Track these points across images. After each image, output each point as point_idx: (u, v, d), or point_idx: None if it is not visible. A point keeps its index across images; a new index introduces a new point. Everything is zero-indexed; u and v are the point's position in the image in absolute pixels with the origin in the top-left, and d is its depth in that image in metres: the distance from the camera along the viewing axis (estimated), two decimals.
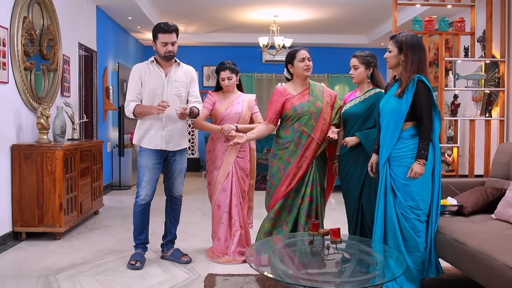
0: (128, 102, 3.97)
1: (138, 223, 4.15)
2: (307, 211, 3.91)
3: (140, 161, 4.05)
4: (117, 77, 8.58)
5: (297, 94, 4.00)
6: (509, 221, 3.26)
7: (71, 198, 5.14)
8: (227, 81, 4.32)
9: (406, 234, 3.23)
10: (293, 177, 3.92)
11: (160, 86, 4.00)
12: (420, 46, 3.28)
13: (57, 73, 5.79)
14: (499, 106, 6.52)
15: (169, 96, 4.00)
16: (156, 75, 4.02)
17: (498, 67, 6.55)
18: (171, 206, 4.30)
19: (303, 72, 3.95)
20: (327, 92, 4.05)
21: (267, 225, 4.00)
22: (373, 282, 2.55)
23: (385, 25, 9.64)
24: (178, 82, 4.07)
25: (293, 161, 3.92)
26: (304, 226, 3.90)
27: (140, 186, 4.05)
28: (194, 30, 10.29)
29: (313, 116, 3.91)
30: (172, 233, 4.29)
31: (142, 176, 4.04)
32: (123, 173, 8.41)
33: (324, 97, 3.99)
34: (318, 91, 4.01)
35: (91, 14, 7.29)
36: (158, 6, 8.34)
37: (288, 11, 8.63)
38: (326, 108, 3.96)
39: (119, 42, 9.03)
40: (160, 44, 3.95)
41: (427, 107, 3.15)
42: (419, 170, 3.12)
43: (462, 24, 6.46)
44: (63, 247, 4.66)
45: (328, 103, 3.98)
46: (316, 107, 3.92)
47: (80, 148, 5.42)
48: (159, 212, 6.30)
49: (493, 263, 2.62)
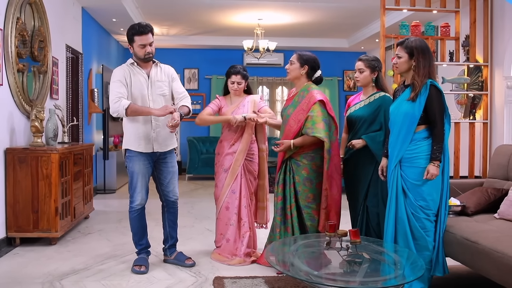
0: (118, 98, 3.80)
1: (137, 228, 4.10)
2: (280, 210, 3.96)
3: (131, 166, 3.97)
4: (101, 80, 8.47)
5: (289, 97, 4.14)
6: None
7: (66, 202, 5.05)
8: (236, 85, 4.33)
9: (416, 233, 3.31)
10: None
11: (145, 88, 3.95)
12: (429, 51, 3.37)
13: (47, 75, 5.69)
14: (482, 109, 6.72)
15: (154, 97, 3.96)
16: (139, 77, 3.96)
17: (481, 71, 6.75)
18: (168, 211, 4.22)
19: None
20: (307, 98, 3.88)
21: None
22: (394, 283, 2.61)
23: (366, 30, 9.80)
24: (161, 82, 4.02)
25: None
26: (280, 225, 3.95)
27: (135, 191, 3.99)
28: (177, 32, 10.25)
29: (284, 121, 4.04)
30: (173, 237, 4.25)
31: (136, 181, 3.97)
32: (108, 176, 8.29)
33: (300, 104, 3.89)
34: (300, 96, 3.95)
35: (77, 16, 7.19)
36: (143, 8, 8.28)
37: (272, 15, 8.68)
38: (296, 115, 3.88)
39: (102, 44, 8.92)
40: (138, 47, 3.87)
41: (440, 111, 3.25)
42: (435, 171, 3.21)
43: (447, 29, 6.64)
44: (60, 252, 4.57)
45: (302, 110, 3.86)
46: (287, 113, 3.99)
47: (74, 152, 5.33)
48: (149, 216, 6.25)
49: (509, 260, 2.72)
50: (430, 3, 6.59)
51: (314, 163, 3.89)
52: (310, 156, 3.89)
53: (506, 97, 6.33)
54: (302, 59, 3.97)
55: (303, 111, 3.86)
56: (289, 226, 3.94)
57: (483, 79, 6.69)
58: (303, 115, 3.85)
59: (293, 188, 3.94)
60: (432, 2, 6.61)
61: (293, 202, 3.94)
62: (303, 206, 3.91)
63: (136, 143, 3.93)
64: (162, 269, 4.06)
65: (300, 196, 3.91)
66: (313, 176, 3.89)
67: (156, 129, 3.94)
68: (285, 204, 3.97)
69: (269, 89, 11.83)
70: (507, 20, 6.28)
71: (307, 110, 3.84)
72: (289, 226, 3.94)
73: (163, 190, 4.17)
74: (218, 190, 4.36)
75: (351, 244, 2.88)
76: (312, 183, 3.89)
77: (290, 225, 3.94)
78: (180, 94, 4.11)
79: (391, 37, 6.64)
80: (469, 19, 6.72)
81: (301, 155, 3.89)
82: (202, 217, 6.21)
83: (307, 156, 3.89)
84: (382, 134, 3.76)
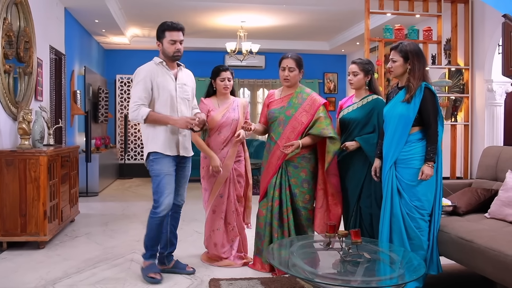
0: (138, 106, 3.68)
1: (155, 235, 3.84)
2: (278, 214, 3.97)
3: (159, 169, 3.74)
4: (84, 81, 8.37)
5: (278, 99, 4.09)
6: (506, 220, 3.47)
7: (53, 205, 4.98)
8: (227, 81, 4.24)
9: (411, 233, 3.38)
10: (263, 179, 4.09)
11: (173, 89, 3.80)
12: (423, 54, 3.46)
13: (32, 77, 5.60)
14: (464, 112, 6.88)
15: (179, 100, 3.82)
16: (167, 77, 3.80)
17: (462, 74, 6.90)
18: (173, 215, 4.02)
19: (282, 81, 4.07)
20: (310, 100, 3.96)
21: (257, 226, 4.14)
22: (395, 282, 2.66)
23: (347, 33, 9.92)
24: (187, 85, 3.90)
25: (265, 165, 4.09)
26: (278, 230, 3.97)
27: (162, 195, 3.72)
28: None
29: (281, 123, 3.98)
30: (173, 244, 4.08)
31: (165, 184, 3.73)
32: (90, 179, 8.20)
33: (302, 105, 3.94)
34: (298, 98, 3.98)
35: (60, 16, 7.10)
36: (126, 10, 8.23)
37: (255, 17, 8.71)
38: (299, 117, 3.92)
39: (84, 45, 8.82)
40: (168, 43, 3.73)
41: (434, 113, 3.32)
42: (430, 172, 3.28)
43: (430, 33, 6.78)
44: (50, 256, 4.51)
45: (305, 112, 3.92)
46: (286, 114, 3.96)
47: (61, 154, 5.26)
48: (136, 219, 6.23)
49: (505, 258, 2.80)
50: (413, 7, 6.72)
51: (311, 164, 3.96)
52: (307, 158, 3.95)
53: (487, 100, 6.49)
54: (299, 64, 4.00)
55: (307, 112, 3.91)
56: (286, 230, 3.96)
57: (464, 82, 6.85)
58: (306, 117, 3.90)
59: (288, 191, 3.96)
60: (415, 6, 6.74)
61: (289, 205, 3.96)
62: (301, 208, 3.95)
63: (164, 146, 3.76)
64: None
65: (298, 198, 3.94)
66: (310, 177, 3.96)
67: (182, 132, 3.84)
68: (281, 208, 3.98)
69: (250, 91, 11.86)
70: (487, 24, 6.45)
71: (311, 112, 3.91)
72: (286, 230, 3.96)
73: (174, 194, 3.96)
74: (207, 194, 4.28)
75: (352, 244, 2.92)
76: (310, 184, 3.96)
77: (287, 228, 3.96)
78: (195, 105, 4.07)
79: (376, 40, 6.75)
80: (451, 24, 6.88)
81: (298, 157, 3.93)
82: (189, 219, 6.19)
83: (305, 158, 3.94)
84: (376, 136, 3.82)
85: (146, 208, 4.06)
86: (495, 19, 6.20)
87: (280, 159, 3.97)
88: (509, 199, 3.49)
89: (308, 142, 3.89)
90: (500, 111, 6.45)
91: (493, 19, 6.29)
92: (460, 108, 6.95)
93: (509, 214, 3.45)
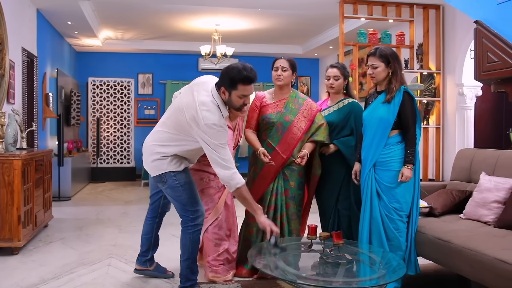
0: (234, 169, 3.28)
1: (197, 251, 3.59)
2: (271, 220, 3.90)
3: (185, 177, 3.44)
4: (56, 84, 8.23)
5: (272, 103, 4.00)
6: (480, 220, 3.57)
7: (27, 210, 4.89)
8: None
9: (390, 234, 3.45)
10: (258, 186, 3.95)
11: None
12: (399, 57, 3.53)
13: (4, 79, 5.48)
14: (435, 115, 7.03)
15: None
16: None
17: (434, 79, 7.06)
18: (160, 220, 4.02)
19: (274, 81, 4.02)
20: (306, 105, 3.95)
21: (247, 233, 4.05)
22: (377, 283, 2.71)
23: (320, 37, 10.01)
24: None
25: (259, 172, 3.96)
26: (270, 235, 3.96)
27: (198, 203, 3.49)
28: (131, 36, 10.10)
29: (279, 129, 3.90)
30: (157, 246, 4.04)
31: (195, 191, 3.49)
32: (63, 183, 8.05)
33: (300, 111, 3.92)
34: (295, 103, 3.95)
35: (32, 18, 6.97)
36: (99, 12, 8.12)
37: (230, 21, 8.72)
38: (298, 122, 3.89)
39: (55, 47, 8.67)
40: (238, 97, 3.25)
41: (413, 117, 3.40)
42: (409, 174, 3.36)
43: (402, 38, 6.91)
44: (24, 262, 4.42)
45: (303, 117, 3.91)
46: (285, 120, 3.89)
47: (35, 158, 5.16)
48: (111, 223, 6.15)
49: (482, 257, 2.88)
50: (387, 13, 6.84)
51: (304, 166, 3.94)
52: None
53: (458, 103, 6.66)
54: (293, 66, 3.98)
55: (305, 118, 3.91)
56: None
57: (436, 86, 7.01)
58: (305, 123, 3.90)
59: (285, 196, 3.92)
60: (388, 11, 6.87)
61: (284, 211, 3.92)
62: (297, 211, 3.96)
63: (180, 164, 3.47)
64: (136, 277, 3.97)
65: (295, 202, 3.93)
66: (304, 179, 4.01)
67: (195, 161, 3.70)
68: (275, 214, 3.92)
69: None
70: (458, 30, 6.62)
71: (309, 118, 3.91)
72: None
73: (165, 203, 3.93)
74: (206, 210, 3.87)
75: (334, 246, 2.95)
76: (304, 186, 4.01)
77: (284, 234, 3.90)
78: None
79: (350, 44, 6.85)
80: (423, 29, 7.04)
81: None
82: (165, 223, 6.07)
83: None
84: (353, 139, 3.87)
85: (120, 212, 3.95)
86: (465, 25, 6.37)
87: (280, 165, 3.88)
88: (483, 200, 3.59)
89: (312, 149, 3.90)
90: (471, 115, 6.63)
91: (463, 25, 6.45)
92: (431, 112, 7.10)
93: (483, 215, 3.55)
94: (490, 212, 3.52)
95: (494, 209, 3.50)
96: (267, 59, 6.29)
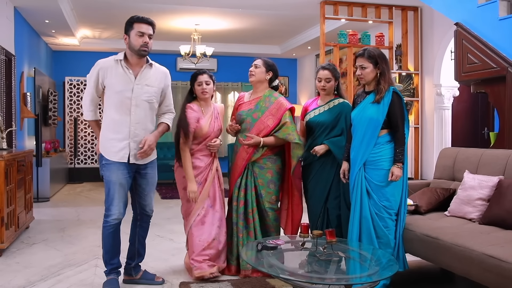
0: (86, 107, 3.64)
1: (110, 246, 3.62)
2: (243, 215, 4.02)
3: (108, 176, 3.52)
4: (33, 83, 8.09)
5: (247, 101, 4.13)
6: (465, 217, 3.67)
7: (10, 212, 4.81)
8: (204, 85, 3.98)
9: (379, 232, 3.52)
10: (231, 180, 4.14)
11: (129, 89, 3.49)
12: (387, 58, 3.61)
13: None
14: (414, 115, 7.17)
15: (138, 102, 3.51)
16: (124, 77, 3.52)
17: (412, 79, 7.20)
18: (141, 225, 3.81)
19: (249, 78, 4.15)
20: (277, 104, 3.99)
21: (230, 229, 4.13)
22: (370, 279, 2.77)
23: (299, 37, 10.07)
24: (150, 86, 3.57)
25: (231, 166, 4.16)
26: (243, 230, 4.01)
27: (112, 203, 3.52)
28: (109, 35, 10.00)
29: (247, 125, 4.03)
30: (141, 255, 3.86)
31: (114, 193, 3.51)
32: (41, 184, 7.93)
33: (269, 109, 3.98)
34: (266, 102, 4.02)
35: (10, 16, 6.85)
36: (78, 10, 8.03)
37: (209, 20, 8.72)
38: (265, 120, 3.96)
39: (33, 46, 8.53)
40: (136, 35, 3.48)
41: (402, 117, 3.48)
42: (399, 173, 3.43)
43: (382, 39, 7.03)
44: (9, 264, 4.35)
45: (272, 115, 3.96)
46: (253, 117, 4.01)
47: (17, 159, 5.08)
48: (93, 224, 6.09)
49: (471, 253, 2.97)
50: (366, 14, 6.95)
51: (277, 165, 4.03)
52: (273, 159, 4.02)
53: (436, 103, 6.81)
54: (267, 65, 4.08)
55: (273, 116, 3.96)
56: (251, 230, 4.01)
57: (414, 86, 7.15)
58: (272, 120, 3.96)
59: (254, 192, 4.02)
60: (368, 12, 6.97)
61: (255, 206, 4.02)
62: (268, 208, 4.01)
63: (112, 151, 3.53)
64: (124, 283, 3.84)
65: (264, 199, 4.00)
66: (276, 178, 4.03)
67: (135, 138, 3.54)
68: (246, 209, 4.03)
69: None
70: (436, 31, 6.77)
71: (277, 116, 3.95)
72: (251, 231, 4.01)
73: (139, 202, 3.76)
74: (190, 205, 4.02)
75: (327, 244, 3.00)
76: (276, 185, 4.03)
77: (252, 229, 4.01)
78: (167, 106, 3.79)
79: (331, 45, 6.94)
80: (401, 30, 7.17)
81: (264, 158, 3.99)
82: None
83: (270, 159, 4.01)
84: (344, 139, 3.92)
85: (101, 213, 3.77)
86: (443, 26, 6.52)
87: (245, 160, 4.00)
88: (468, 198, 3.69)
89: (270, 141, 3.94)
90: (448, 114, 6.80)
91: (441, 26, 6.60)
92: (410, 112, 7.24)
93: (468, 212, 3.65)
94: (474, 209, 3.62)
95: (478, 206, 3.60)
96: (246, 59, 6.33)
